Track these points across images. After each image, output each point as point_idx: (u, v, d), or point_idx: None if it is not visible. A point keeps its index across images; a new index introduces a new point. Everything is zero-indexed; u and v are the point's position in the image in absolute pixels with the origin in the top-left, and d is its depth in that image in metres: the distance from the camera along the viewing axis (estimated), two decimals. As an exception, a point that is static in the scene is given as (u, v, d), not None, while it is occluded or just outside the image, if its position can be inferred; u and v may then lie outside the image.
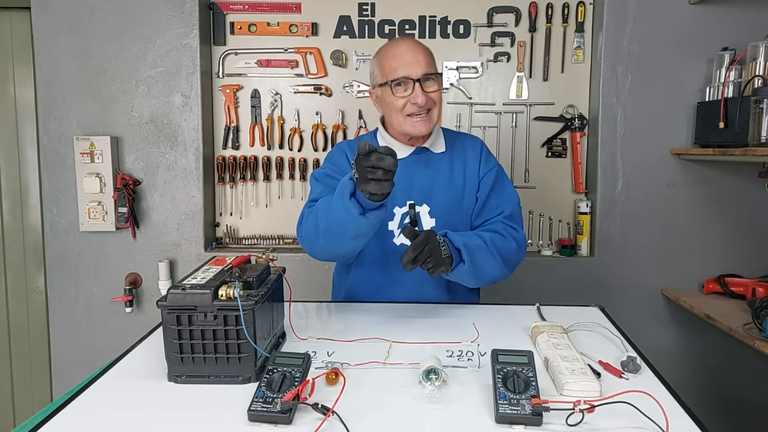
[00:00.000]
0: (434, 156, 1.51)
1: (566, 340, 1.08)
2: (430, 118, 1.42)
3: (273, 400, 0.84)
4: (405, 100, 1.39)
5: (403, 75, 1.38)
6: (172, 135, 2.29)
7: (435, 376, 0.91)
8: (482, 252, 1.34)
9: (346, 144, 1.59)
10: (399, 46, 1.44)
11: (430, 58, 1.43)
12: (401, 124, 1.43)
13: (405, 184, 1.48)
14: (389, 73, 1.40)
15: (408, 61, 1.39)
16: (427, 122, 1.42)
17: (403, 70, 1.38)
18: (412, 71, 1.38)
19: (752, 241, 2.24)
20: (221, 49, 2.33)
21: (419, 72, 1.38)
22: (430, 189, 1.49)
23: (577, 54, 2.29)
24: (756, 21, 2.12)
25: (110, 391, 0.96)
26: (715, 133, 2.01)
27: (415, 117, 1.40)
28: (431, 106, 1.41)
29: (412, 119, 1.41)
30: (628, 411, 0.83)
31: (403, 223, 1.48)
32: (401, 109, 1.40)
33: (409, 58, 1.39)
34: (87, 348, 2.33)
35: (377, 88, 1.47)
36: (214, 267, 1.06)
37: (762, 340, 1.66)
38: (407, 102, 1.39)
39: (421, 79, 1.38)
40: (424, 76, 1.38)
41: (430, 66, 1.41)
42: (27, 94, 2.46)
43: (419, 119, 1.40)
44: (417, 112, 1.39)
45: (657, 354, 1.17)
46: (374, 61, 1.48)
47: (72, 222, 2.29)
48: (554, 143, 2.33)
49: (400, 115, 1.42)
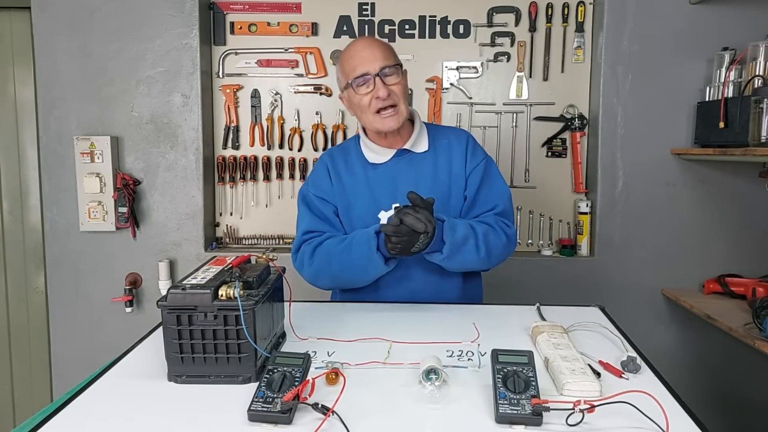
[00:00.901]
0: (416, 156, 1.50)
1: (566, 340, 1.08)
2: (398, 111, 1.42)
3: (273, 400, 0.84)
4: (369, 96, 1.40)
5: (361, 72, 1.39)
6: (172, 135, 2.29)
7: (435, 376, 0.91)
8: (468, 247, 1.35)
9: (328, 156, 1.57)
10: (355, 45, 1.45)
11: (389, 52, 1.43)
12: (372, 123, 1.43)
13: (389, 188, 1.48)
14: (349, 73, 1.41)
15: (365, 57, 1.39)
16: (396, 117, 1.41)
17: (361, 67, 1.39)
18: (370, 67, 1.38)
19: (752, 241, 2.24)
20: (221, 49, 2.34)
21: (377, 66, 1.38)
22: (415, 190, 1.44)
23: (577, 54, 2.29)
24: (756, 21, 2.12)
25: (110, 391, 0.96)
26: (715, 133, 2.01)
27: (383, 113, 1.41)
28: (396, 100, 1.41)
29: (380, 116, 1.41)
30: (628, 411, 0.83)
31: None
32: (368, 106, 1.41)
33: (365, 54, 1.40)
34: (87, 348, 2.33)
35: (344, 92, 1.47)
36: (214, 267, 1.06)
37: (762, 340, 1.66)
38: (371, 98, 1.39)
39: (380, 73, 1.38)
40: (382, 69, 1.38)
41: (389, 59, 1.41)
42: (27, 94, 2.46)
43: (387, 114, 1.41)
44: (383, 106, 1.40)
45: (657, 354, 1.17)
46: (337, 67, 1.49)
47: (72, 222, 2.29)
48: (554, 143, 2.33)
49: (369, 114, 1.42)
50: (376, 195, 1.48)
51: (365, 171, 1.50)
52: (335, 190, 1.51)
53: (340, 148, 1.61)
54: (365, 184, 1.50)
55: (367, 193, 1.49)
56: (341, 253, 1.39)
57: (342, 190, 1.50)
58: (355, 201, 1.49)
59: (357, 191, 1.50)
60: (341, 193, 1.50)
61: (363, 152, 1.52)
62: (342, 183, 1.51)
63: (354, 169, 1.52)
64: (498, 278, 1.67)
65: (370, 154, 1.51)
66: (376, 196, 1.48)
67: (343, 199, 1.50)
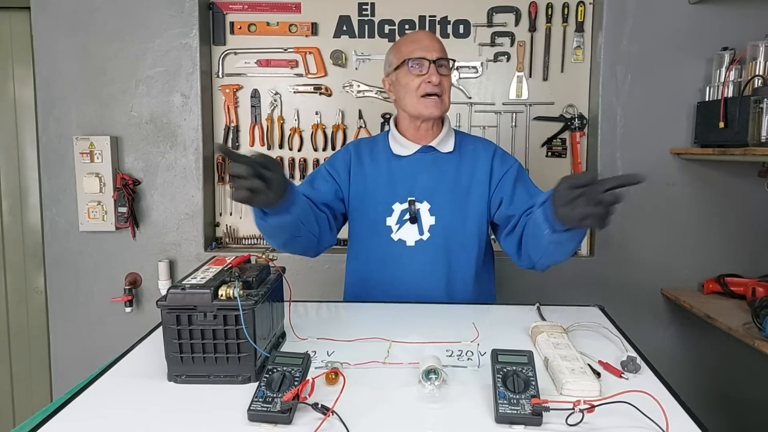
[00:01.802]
0: (441, 155, 1.53)
1: (566, 340, 1.08)
2: (443, 102, 1.47)
3: (273, 400, 0.84)
4: (420, 79, 1.44)
5: (420, 55, 1.45)
6: (171, 135, 2.29)
7: (435, 375, 0.91)
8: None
9: (354, 144, 1.62)
10: (417, 33, 1.59)
11: (444, 48, 1.50)
12: (415, 106, 1.46)
13: (408, 181, 1.50)
14: (407, 54, 1.47)
15: (425, 44, 1.46)
16: (440, 105, 1.46)
17: (420, 51, 1.45)
18: (429, 53, 1.45)
19: (752, 241, 2.24)
20: (221, 48, 2.33)
21: (435, 55, 1.45)
22: (434, 188, 1.50)
23: (576, 54, 2.29)
24: (756, 21, 2.12)
25: (110, 391, 0.96)
26: (714, 132, 2.01)
27: (428, 98, 1.45)
28: (443, 91, 1.46)
29: (425, 100, 1.45)
30: (628, 411, 0.83)
31: (402, 219, 1.50)
32: (416, 89, 1.45)
33: (426, 43, 1.47)
34: (87, 348, 2.33)
35: (392, 73, 1.51)
36: (213, 267, 1.06)
37: (762, 339, 1.66)
38: (422, 82, 1.44)
39: (436, 62, 1.44)
40: (438, 59, 1.45)
41: (444, 52, 1.48)
42: (27, 94, 2.46)
43: (432, 101, 1.45)
44: (431, 91, 1.44)
45: (657, 354, 1.17)
46: (390, 50, 1.54)
47: (72, 222, 2.29)
48: (554, 143, 2.33)
49: (414, 96, 1.46)
50: (394, 186, 1.51)
51: (388, 162, 1.54)
52: (353, 176, 1.54)
53: (368, 139, 1.66)
54: (386, 173, 1.53)
55: (386, 182, 1.52)
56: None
57: (362, 177, 1.54)
58: (373, 188, 1.53)
59: (377, 179, 1.53)
60: (360, 180, 1.53)
61: (390, 144, 1.55)
62: (363, 170, 1.55)
63: (378, 159, 1.55)
64: (498, 278, 1.67)
65: (396, 146, 1.54)
66: (394, 187, 1.51)
67: (361, 186, 1.53)
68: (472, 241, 1.51)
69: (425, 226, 1.50)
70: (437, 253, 1.50)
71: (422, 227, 1.50)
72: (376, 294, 1.50)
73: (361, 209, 1.54)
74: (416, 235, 1.50)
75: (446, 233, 1.49)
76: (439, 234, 1.49)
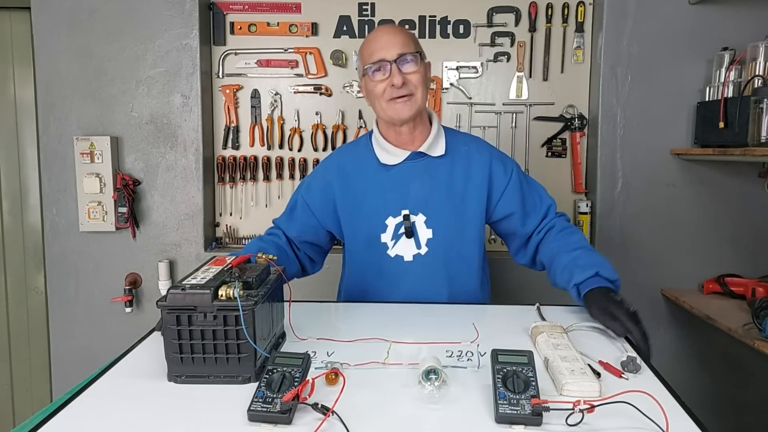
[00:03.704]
0: (432, 160, 1.43)
1: (566, 340, 1.08)
2: (413, 101, 1.36)
3: (273, 400, 0.84)
4: (384, 84, 1.35)
5: (378, 58, 1.34)
6: (172, 135, 2.29)
7: (435, 376, 0.91)
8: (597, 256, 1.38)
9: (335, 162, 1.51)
10: (375, 32, 1.41)
11: (409, 39, 1.37)
12: (385, 110, 1.38)
13: (400, 193, 1.42)
14: (367, 59, 1.37)
15: (383, 43, 1.35)
16: (409, 105, 1.35)
17: (378, 53, 1.35)
18: (388, 53, 1.34)
19: (752, 241, 2.24)
20: (221, 49, 2.34)
21: (394, 53, 1.33)
22: (428, 198, 1.42)
23: (577, 54, 2.29)
24: (756, 21, 2.12)
25: (110, 391, 0.96)
26: (714, 133, 2.01)
27: (397, 101, 1.35)
28: (412, 89, 1.35)
29: (394, 104, 1.35)
30: (628, 411, 0.83)
31: (397, 234, 1.43)
32: (382, 94, 1.36)
33: (384, 41, 1.35)
34: (87, 348, 2.33)
35: (362, 80, 1.43)
36: (214, 267, 1.06)
37: (762, 340, 1.66)
38: (386, 86, 1.35)
39: (398, 60, 1.33)
40: (400, 56, 1.33)
41: (408, 46, 1.35)
42: (27, 94, 2.46)
43: (401, 102, 1.35)
44: (397, 94, 1.34)
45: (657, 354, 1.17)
46: (359, 54, 1.45)
47: (72, 222, 2.29)
48: (554, 143, 2.33)
49: (382, 101, 1.37)
50: (386, 198, 1.43)
51: (376, 172, 1.45)
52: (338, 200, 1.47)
53: (348, 148, 1.56)
54: (376, 185, 1.44)
55: (377, 195, 1.44)
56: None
57: (349, 195, 1.46)
58: (362, 204, 1.45)
59: (366, 193, 1.45)
60: (348, 199, 1.46)
61: (375, 151, 1.46)
62: (350, 187, 1.46)
63: (364, 171, 1.46)
64: (498, 278, 1.67)
65: (383, 154, 1.45)
66: (385, 200, 1.43)
67: (349, 203, 1.46)
68: (472, 250, 1.46)
69: (422, 240, 1.43)
70: (436, 268, 1.44)
71: (419, 241, 1.43)
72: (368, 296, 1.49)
73: (353, 228, 1.46)
74: (413, 249, 1.44)
75: (445, 246, 1.43)
76: (438, 247, 1.43)
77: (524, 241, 1.52)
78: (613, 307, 1.19)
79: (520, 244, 1.54)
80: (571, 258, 1.36)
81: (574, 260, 1.34)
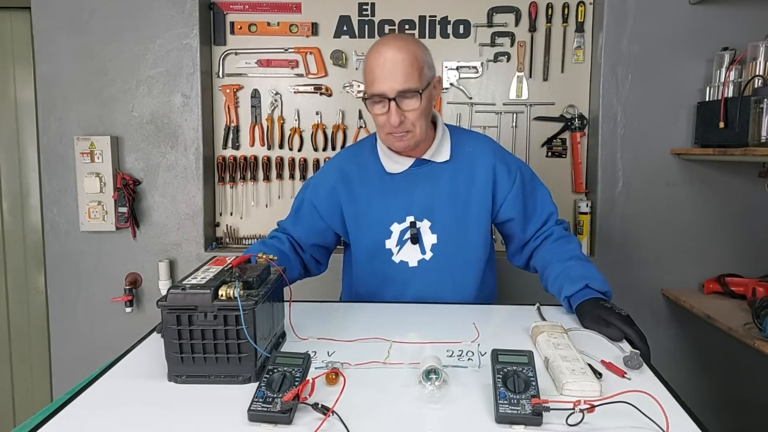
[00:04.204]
0: (436, 166, 1.43)
1: (566, 340, 1.08)
2: (410, 136, 1.34)
3: (273, 400, 0.84)
4: (383, 118, 1.32)
5: (378, 92, 1.30)
6: (172, 135, 2.29)
7: (435, 376, 0.91)
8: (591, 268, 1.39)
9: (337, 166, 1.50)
10: (379, 57, 1.30)
11: (411, 70, 1.28)
12: (384, 140, 1.40)
13: (404, 199, 1.43)
14: (367, 86, 1.34)
15: (385, 75, 1.28)
16: (406, 140, 1.34)
17: (379, 85, 1.29)
18: (388, 88, 1.28)
19: (752, 241, 2.24)
20: (221, 49, 2.34)
21: (395, 88, 1.28)
22: (431, 203, 1.43)
23: (577, 54, 2.29)
24: (756, 21, 2.12)
25: (110, 391, 0.96)
26: (715, 133, 2.01)
27: (394, 135, 1.34)
28: (409, 127, 1.32)
29: (392, 136, 1.35)
30: (628, 411, 0.83)
31: (402, 240, 1.44)
32: (381, 126, 1.35)
33: (386, 72, 1.28)
34: (87, 348, 2.33)
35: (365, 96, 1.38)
36: (214, 267, 1.06)
37: (762, 340, 1.66)
38: (385, 121, 1.32)
39: (396, 98, 1.29)
40: (399, 94, 1.28)
41: (409, 80, 1.28)
42: (27, 94, 2.46)
43: (397, 137, 1.34)
44: (394, 131, 1.33)
45: (657, 354, 1.17)
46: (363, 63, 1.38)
47: (72, 222, 2.29)
48: (554, 143, 2.33)
49: (381, 132, 1.38)
50: (390, 205, 1.44)
51: (381, 179, 1.44)
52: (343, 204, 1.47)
53: (351, 153, 1.54)
54: (379, 192, 1.44)
55: (381, 202, 1.44)
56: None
57: (352, 201, 1.46)
58: (367, 211, 1.45)
59: (370, 199, 1.45)
60: (351, 203, 1.46)
61: (380, 158, 1.45)
62: (352, 192, 1.46)
63: (368, 177, 1.46)
64: (498, 278, 1.67)
65: (388, 161, 1.44)
66: (389, 207, 1.44)
67: (352, 209, 1.46)
68: (476, 253, 1.47)
69: (427, 245, 1.44)
70: (441, 272, 1.45)
71: (424, 247, 1.44)
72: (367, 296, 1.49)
73: (358, 234, 1.47)
74: (418, 254, 1.45)
75: (449, 250, 1.44)
76: (443, 252, 1.44)
77: (521, 246, 1.54)
78: (605, 314, 1.19)
79: (516, 248, 1.56)
80: (562, 268, 1.37)
81: (565, 271, 1.36)
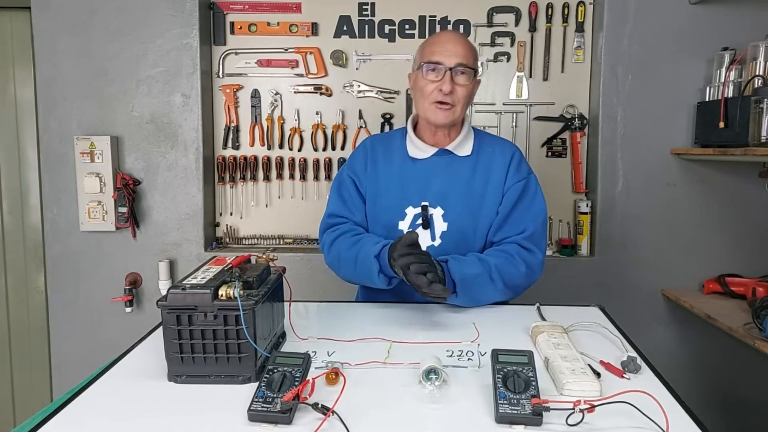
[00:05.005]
0: (457, 159, 1.49)
1: (566, 340, 1.08)
2: (452, 112, 1.42)
3: (273, 400, 0.84)
4: (434, 85, 1.40)
5: (437, 60, 1.40)
6: (172, 135, 2.29)
7: (435, 375, 0.91)
8: (481, 280, 1.34)
9: (369, 142, 1.59)
10: (443, 34, 1.49)
11: (470, 54, 1.42)
12: (426, 110, 1.44)
13: (422, 185, 1.48)
14: (426, 56, 1.42)
15: (446, 49, 1.40)
16: (448, 114, 1.42)
17: (439, 55, 1.40)
18: (447, 59, 1.39)
19: (752, 241, 2.24)
20: (221, 49, 2.34)
21: (453, 61, 1.39)
22: (447, 192, 1.47)
23: (577, 54, 2.29)
24: (756, 21, 2.12)
25: (110, 391, 0.96)
26: (715, 133, 2.01)
27: (439, 106, 1.41)
28: (455, 101, 1.41)
29: (435, 107, 1.41)
30: (628, 411, 0.83)
31: (414, 223, 1.48)
32: (429, 94, 1.41)
33: (448, 47, 1.41)
34: (87, 348, 2.33)
35: (414, 72, 1.49)
36: (214, 267, 1.06)
37: (762, 340, 1.66)
38: (435, 88, 1.40)
39: (454, 68, 1.39)
40: (457, 65, 1.39)
41: (467, 59, 1.41)
42: (27, 94, 2.46)
43: (442, 109, 1.41)
44: (442, 100, 1.40)
45: (657, 354, 1.17)
46: (419, 47, 1.49)
47: (72, 222, 2.29)
48: (554, 143, 2.33)
49: (426, 101, 1.43)
50: (407, 189, 1.49)
51: (403, 163, 1.51)
52: (368, 176, 1.52)
53: (383, 137, 1.63)
54: (399, 176, 1.50)
55: (399, 185, 1.49)
56: (348, 262, 1.41)
57: (375, 178, 1.52)
58: (385, 191, 1.50)
59: (389, 182, 1.50)
60: (373, 181, 1.52)
61: (406, 145, 1.52)
62: (377, 170, 1.52)
63: (392, 160, 1.52)
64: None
65: (413, 148, 1.51)
66: (406, 191, 1.49)
67: (373, 187, 1.51)
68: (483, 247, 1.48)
69: (437, 232, 1.47)
70: None
71: (434, 233, 1.47)
72: (386, 296, 1.48)
73: (374, 211, 1.51)
74: (428, 240, 1.47)
75: (457, 240, 1.47)
76: (451, 241, 1.47)
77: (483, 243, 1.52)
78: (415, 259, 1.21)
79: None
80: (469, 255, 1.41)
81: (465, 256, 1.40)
